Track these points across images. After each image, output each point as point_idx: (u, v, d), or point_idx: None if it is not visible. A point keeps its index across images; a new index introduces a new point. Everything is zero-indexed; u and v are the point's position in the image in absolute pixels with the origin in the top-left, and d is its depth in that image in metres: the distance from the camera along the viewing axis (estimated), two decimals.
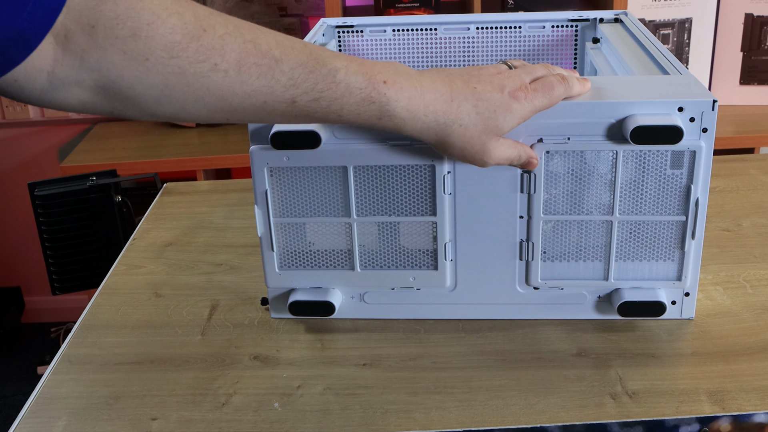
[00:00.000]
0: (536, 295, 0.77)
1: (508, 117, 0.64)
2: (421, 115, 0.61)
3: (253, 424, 0.66)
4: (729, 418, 0.65)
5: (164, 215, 1.06)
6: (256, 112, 0.57)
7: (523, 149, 0.68)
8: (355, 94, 0.58)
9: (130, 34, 0.50)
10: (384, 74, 0.60)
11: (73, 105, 0.54)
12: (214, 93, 0.54)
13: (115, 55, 0.51)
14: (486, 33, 1.02)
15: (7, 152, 2.23)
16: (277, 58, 0.55)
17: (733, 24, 1.84)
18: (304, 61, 0.56)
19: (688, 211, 0.72)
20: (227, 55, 0.53)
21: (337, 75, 0.57)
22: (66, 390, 0.71)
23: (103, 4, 0.50)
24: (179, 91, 0.53)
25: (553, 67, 0.69)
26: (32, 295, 2.41)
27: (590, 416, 0.65)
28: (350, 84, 0.58)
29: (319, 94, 0.57)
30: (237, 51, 0.54)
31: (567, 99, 0.68)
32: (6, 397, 2.14)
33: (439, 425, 0.65)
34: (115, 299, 0.86)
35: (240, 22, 0.56)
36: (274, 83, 0.55)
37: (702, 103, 0.68)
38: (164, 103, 0.54)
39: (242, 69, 0.54)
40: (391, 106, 0.60)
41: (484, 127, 0.63)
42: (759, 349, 0.72)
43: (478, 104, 0.63)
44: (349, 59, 0.59)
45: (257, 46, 0.55)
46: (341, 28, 1.02)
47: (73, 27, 0.50)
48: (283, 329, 0.79)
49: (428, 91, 0.61)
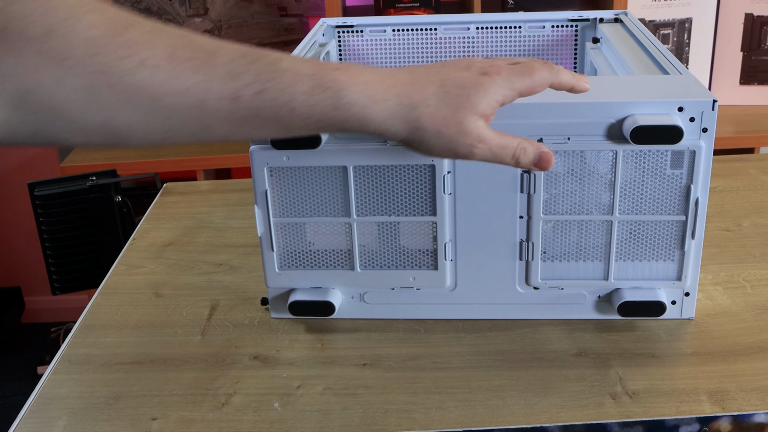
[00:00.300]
0: (536, 295, 0.77)
1: (480, 92, 0.57)
2: (381, 99, 0.55)
3: (253, 424, 0.66)
4: (729, 418, 0.65)
5: (164, 215, 1.06)
6: (197, 116, 0.51)
7: (524, 140, 0.60)
8: (304, 81, 0.53)
9: (45, 32, 0.46)
10: (334, 65, 0.55)
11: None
12: (145, 93, 0.49)
13: (30, 57, 0.46)
14: (486, 33, 1.02)
15: (7, 152, 2.23)
16: (212, 51, 0.51)
17: (733, 24, 1.84)
18: (243, 53, 0.52)
19: (688, 211, 0.72)
20: (156, 49, 0.49)
21: (281, 63, 0.53)
22: (66, 390, 0.71)
23: (14, 4, 0.46)
24: (106, 94, 0.48)
25: (545, 62, 0.63)
26: (32, 295, 2.41)
27: (590, 416, 0.65)
28: (298, 71, 0.53)
29: (264, 84, 0.52)
30: (167, 45, 0.49)
31: (565, 90, 0.63)
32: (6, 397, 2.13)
33: (439, 425, 0.65)
34: (115, 299, 0.86)
35: (167, 24, 0.52)
36: (212, 77, 0.50)
37: (702, 103, 0.68)
38: (91, 110, 0.49)
39: (174, 64, 0.49)
40: (346, 92, 0.54)
41: (456, 104, 0.57)
42: (759, 349, 0.72)
43: (444, 83, 0.57)
44: (290, 54, 0.56)
45: (190, 40, 0.50)
46: (341, 28, 1.02)
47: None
48: (283, 329, 0.79)
49: (386, 77, 0.56)
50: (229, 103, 0.51)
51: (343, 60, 1.04)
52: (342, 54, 1.04)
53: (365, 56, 1.03)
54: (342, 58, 1.04)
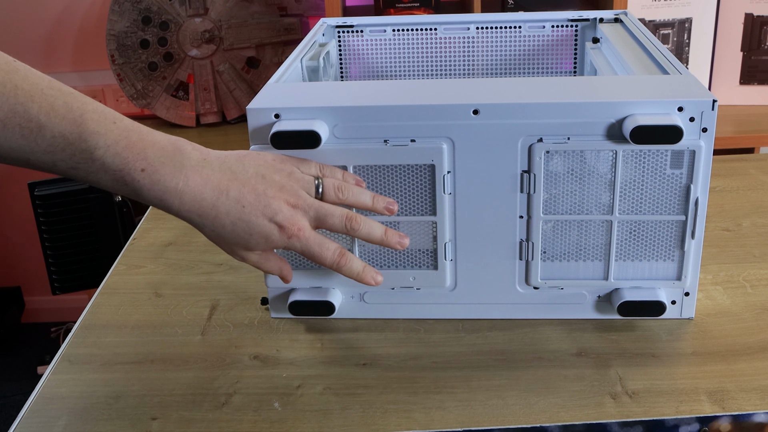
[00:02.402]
0: (536, 295, 0.77)
1: (261, 242, 0.66)
2: (175, 209, 0.64)
3: (253, 424, 0.66)
4: (729, 418, 0.65)
5: (164, 215, 1.06)
6: (24, 164, 0.60)
7: (280, 268, 0.71)
8: (109, 173, 0.61)
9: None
10: (149, 161, 0.61)
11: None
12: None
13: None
14: (486, 33, 1.02)
15: None
16: (42, 124, 0.58)
17: (733, 24, 1.84)
18: (67, 133, 0.58)
19: (687, 211, 0.72)
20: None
21: (95, 152, 0.60)
22: (66, 390, 0.71)
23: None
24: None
25: (357, 222, 0.69)
26: (32, 295, 2.41)
27: (590, 416, 0.65)
28: (105, 164, 0.60)
29: (76, 164, 0.60)
30: (5, 110, 0.56)
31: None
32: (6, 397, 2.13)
33: (439, 425, 0.65)
34: (115, 299, 0.86)
35: (27, 80, 0.58)
36: (35, 146, 0.58)
37: (702, 102, 0.68)
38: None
39: (6, 127, 0.57)
40: (143, 193, 0.62)
41: (236, 241, 0.66)
42: (759, 349, 0.72)
43: (237, 223, 0.65)
44: (120, 137, 0.61)
45: (27, 109, 0.57)
46: (341, 28, 1.02)
47: None
48: (283, 329, 0.79)
49: (190, 192, 0.63)
50: (49, 167, 0.60)
51: (342, 60, 1.04)
52: (342, 54, 1.04)
53: (365, 56, 1.03)
54: (342, 57, 1.04)
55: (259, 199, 0.65)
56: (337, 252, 0.68)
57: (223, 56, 1.94)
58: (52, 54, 2.11)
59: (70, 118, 0.59)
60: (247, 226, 0.65)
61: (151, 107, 1.94)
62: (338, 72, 1.05)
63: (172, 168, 0.63)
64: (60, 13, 2.07)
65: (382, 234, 0.70)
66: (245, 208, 0.65)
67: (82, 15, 2.07)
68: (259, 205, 0.65)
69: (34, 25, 2.08)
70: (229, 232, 0.65)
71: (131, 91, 1.93)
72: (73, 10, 2.06)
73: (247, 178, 0.65)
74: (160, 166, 0.62)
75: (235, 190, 0.65)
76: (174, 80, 1.93)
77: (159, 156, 0.62)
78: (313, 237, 0.67)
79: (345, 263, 0.69)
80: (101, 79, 2.10)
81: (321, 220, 0.67)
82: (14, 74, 0.58)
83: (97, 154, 0.60)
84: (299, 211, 0.66)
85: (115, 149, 0.60)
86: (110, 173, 0.61)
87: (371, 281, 0.71)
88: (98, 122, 0.60)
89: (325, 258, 0.68)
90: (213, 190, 0.64)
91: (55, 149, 0.59)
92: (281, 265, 0.71)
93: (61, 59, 2.11)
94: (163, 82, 1.93)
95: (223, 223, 0.65)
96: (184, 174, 0.63)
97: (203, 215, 0.64)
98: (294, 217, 0.66)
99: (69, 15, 2.07)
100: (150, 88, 1.93)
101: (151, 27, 1.89)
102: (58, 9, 2.06)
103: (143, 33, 1.89)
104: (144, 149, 0.62)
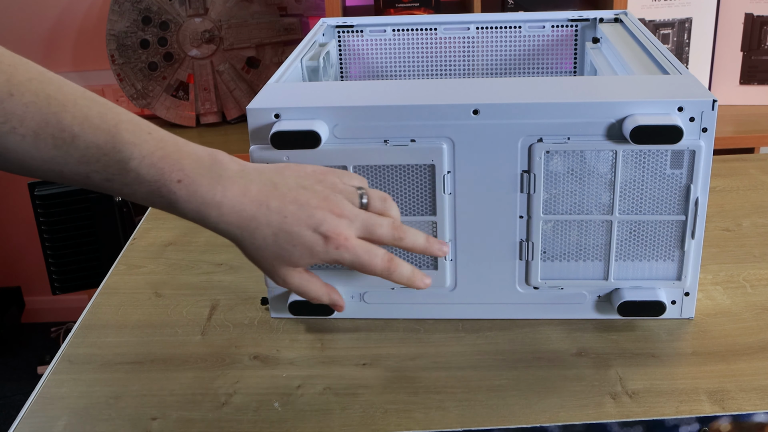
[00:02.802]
0: (536, 294, 0.77)
1: (306, 255, 0.62)
2: (213, 222, 0.61)
3: (253, 424, 0.66)
4: (729, 418, 0.65)
5: (164, 215, 1.06)
6: (57, 177, 0.59)
7: (329, 293, 0.66)
8: (144, 185, 0.58)
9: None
10: (185, 172, 0.59)
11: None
12: (12, 152, 0.56)
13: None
14: (486, 33, 1.02)
15: None
16: (76, 134, 0.56)
17: (733, 24, 1.84)
18: (102, 143, 0.57)
19: (687, 211, 0.72)
20: (26, 122, 0.55)
21: (130, 163, 0.58)
22: (66, 390, 0.71)
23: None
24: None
25: (403, 231, 0.66)
26: (32, 295, 2.41)
27: (590, 416, 0.65)
28: (141, 175, 0.58)
29: (111, 176, 0.58)
30: (37, 120, 0.55)
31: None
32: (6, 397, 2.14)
33: (439, 425, 0.65)
34: (115, 299, 0.86)
35: (61, 91, 0.57)
36: (68, 157, 0.57)
37: (702, 102, 0.68)
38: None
39: (39, 138, 0.55)
40: (180, 205, 0.60)
41: (277, 255, 0.62)
42: (759, 349, 0.72)
43: (279, 234, 0.61)
44: (156, 147, 0.59)
45: (60, 119, 0.56)
46: (341, 28, 1.02)
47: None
48: (283, 329, 0.79)
49: (229, 203, 0.60)
50: (83, 179, 0.58)
51: (342, 60, 1.04)
52: (342, 54, 1.04)
53: (365, 56, 1.03)
54: (342, 57, 1.04)
55: (302, 209, 0.61)
56: (386, 258, 0.64)
57: (223, 56, 1.94)
58: (52, 54, 2.11)
59: (104, 128, 0.57)
60: (289, 237, 0.61)
61: (151, 107, 1.94)
62: (338, 72, 1.05)
63: (209, 179, 0.60)
64: (60, 13, 2.07)
65: (425, 241, 0.67)
66: (287, 219, 0.61)
67: (82, 15, 2.07)
68: (303, 215, 0.61)
69: (34, 25, 2.08)
70: (270, 244, 0.61)
71: (131, 91, 1.93)
72: (73, 10, 2.06)
73: (288, 188, 0.62)
74: (197, 177, 0.60)
75: (276, 201, 0.61)
76: (174, 80, 1.94)
77: (196, 167, 0.60)
78: (360, 245, 0.63)
79: (395, 268, 0.64)
80: (101, 79, 2.11)
81: (369, 230, 0.64)
82: (47, 84, 0.56)
83: (132, 164, 0.58)
84: (345, 220, 0.63)
85: (151, 160, 0.58)
86: (145, 185, 0.58)
87: (421, 285, 0.67)
88: (133, 132, 0.58)
89: (375, 266, 0.63)
90: (253, 201, 0.61)
91: (89, 160, 0.57)
92: (329, 291, 0.66)
93: (61, 59, 2.11)
94: (163, 82, 1.93)
95: (264, 235, 0.61)
96: (222, 185, 0.60)
97: (243, 227, 0.61)
98: (339, 226, 0.62)
99: (69, 15, 2.07)
100: (150, 88, 1.93)
101: (151, 27, 1.89)
102: (58, 9, 2.06)
103: (143, 33, 1.89)
104: (180, 160, 0.59)
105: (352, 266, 0.63)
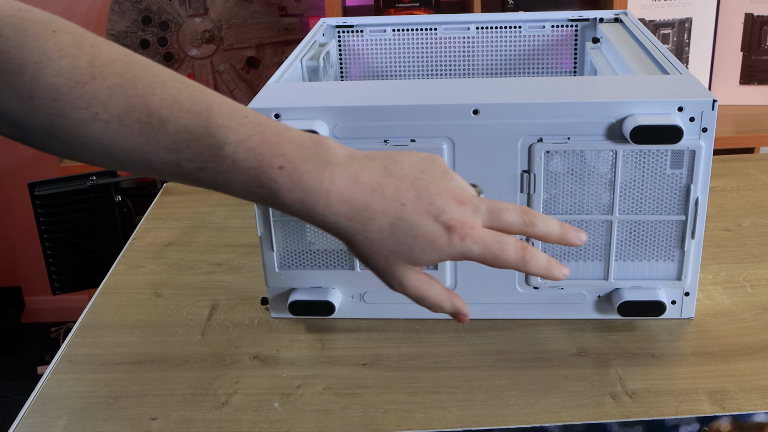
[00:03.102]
0: (536, 295, 0.77)
1: (428, 249, 0.53)
2: (319, 213, 0.53)
3: (253, 424, 0.66)
4: (729, 418, 0.65)
5: (164, 215, 1.06)
6: (145, 168, 0.54)
7: (451, 299, 0.57)
8: (242, 172, 0.53)
9: (17, 69, 0.50)
10: (287, 157, 0.53)
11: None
12: (97, 141, 0.52)
13: (4, 87, 0.51)
14: (486, 33, 1.02)
15: (7, 152, 2.23)
16: (164, 118, 0.52)
17: (733, 24, 1.84)
18: (193, 127, 0.52)
19: (687, 211, 0.72)
20: (110, 106, 0.51)
21: (225, 148, 0.52)
22: (66, 390, 0.71)
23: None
24: (64, 133, 0.52)
25: (533, 216, 0.56)
26: (32, 295, 2.41)
27: (590, 416, 0.65)
28: (237, 161, 0.52)
29: (203, 164, 0.53)
30: (122, 104, 0.51)
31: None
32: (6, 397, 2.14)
33: (439, 425, 0.65)
34: (115, 299, 0.86)
35: (147, 72, 0.53)
36: (156, 143, 0.52)
37: (702, 102, 0.68)
38: (55, 142, 0.52)
39: (124, 123, 0.51)
40: (281, 195, 0.53)
41: (395, 249, 0.54)
42: (759, 349, 0.72)
43: (397, 224, 0.53)
44: (253, 131, 0.53)
45: (147, 102, 0.52)
46: (341, 28, 1.02)
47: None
48: (283, 329, 0.79)
49: (337, 191, 0.53)
50: (173, 168, 0.53)
51: (342, 60, 1.04)
52: (342, 54, 1.04)
53: (365, 56, 1.03)
54: (342, 57, 1.04)
55: (421, 195, 0.53)
56: (519, 246, 0.54)
57: (223, 56, 1.94)
58: None
59: (195, 111, 0.52)
60: (409, 227, 0.53)
61: None
62: (338, 72, 1.05)
63: (314, 165, 0.53)
64: (60, 13, 2.07)
65: (559, 228, 0.57)
66: (405, 206, 0.53)
67: (82, 15, 2.07)
68: (422, 203, 0.53)
69: None
70: (387, 236, 0.53)
71: None
72: (73, 10, 2.06)
73: (404, 174, 0.54)
74: (301, 163, 0.53)
75: (391, 188, 0.53)
76: None
77: (299, 152, 0.53)
78: (488, 234, 0.54)
79: (531, 257, 0.55)
80: None
81: (495, 216, 0.55)
82: (133, 65, 0.52)
83: (228, 150, 0.52)
84: (469, 206, 0.54)
85: (248, 144, 0.52)
86: (243, 172, 0.52)
87: (560, 275, 0.56)
88: (227, 116, 0.53)
89: (508, 257, 0.54)
90: (365, 188, 0.53)
91: (179, 147, 0.52)
92: (451, 296, 0.57)
93: None
94: None
95: (380, 225, 0.53)
96: (330, 171, 0.53)
97: (354, 218, 0.53)
98: (464, 214, 0.53)
99: (69, 15, 2.07)
100: None
101: (151, 27, 1.89)
102: (58, 9, 2.06)
103: (143, 33, 1.89)
104: (281, 144, 0.53)
105: (481, 259, 0.54)
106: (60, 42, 0.51)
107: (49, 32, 0.51)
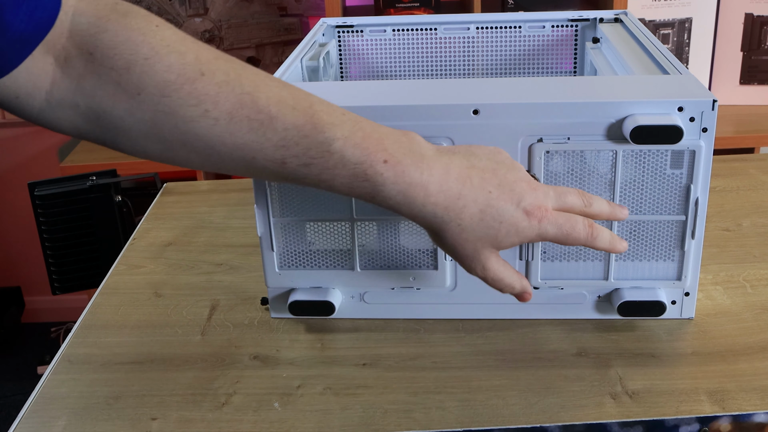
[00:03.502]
0: (536, 295, 0.77)
1: (512, 233, 0.59)
2: (419, 204, 0.58)
3: (253, 424, 0.66)
4: (729, 418, 0.65)
5: (164, 215, 1.06)
6: (246, 167, 0.55)
7: (520, 280, 0.64)
8: (348, 167, 0.55)
9: (125, 66, 0.50)
10: (389, 152, 0.56)
11: (67, 128, 0.54)
12: (202, 139, 0.52)
13: (109, 84, 0.51)
14: (486, 33, 1.02)
15: (7, 152, 2.23)
16: (273, 115, 0.53)
17: (733, 24, 1.84)
18: (301, 124, 0.54)
19: (687, 211, 0.72)
20: (220, 103, 0.52)
21: (333, 145, 0.54)
22: (66, 390, 0.71)
23: (104, 33, 0.50)
24: (167, 131, 0.52)
25: (589, 197, 0.64)
26: (32, 295, 2.41)
27: (590, 416, 0.65)
28: (345, 156, 0.55)
29: (311, 160, 0.55)
30: (231, 101, 0.52)
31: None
32: (6, 397, 2.14)
33: (439, 425, 0.65)
34: (115, 299, 0.86)
35: (247, 70, 0.54)
36: (265, 141, 0.53)
37: (702, 102, 0.68)
38: (152, 140, 0.53)
39: (233, 120, 0.52)
40: (386, 188, 0.56)
41: (483, 234, 0.59)
42: (759, 349, 0.72)
43: (486, 210, 0.59)
44: (355, 128, 0.56)
45: (255, 99, 0.53)
46: (341, 28, 1.02)
47: (73, 51, 0.51)
48: (283, 329, 0.79)
49: (435, 182, 0.57)
50: (277, 166, 0.55)
51: (342, 60, 1.04)
52: (342, 54, 1.04)
53: (365, 56, 1.03)
54: (342, 57, 1.04)
55: (502, 184, 0.59)
56: (586, 223, 0.61)
57: None
58: None
59: (300, 108, 0.54)
60: (497, 213, 0.58)
61: None
62: (338, 72, 1.05)
63: (413, 158, 0.57)
64: None
65: (608, 206, 0.65)
66: (492, 194, 0.59)
67: None
68: (505, 190, 0.59)
69: None
70: (477, 222, 0.58)
71: None
72: None
73: (483, 165, 0.60)
74: (402, 157, 0.56)
75: (477, 177, 0.59)
76: None
77: (398, 146, 0.56)
78: (560, 216, 0.60)
79: (597, 234, 0.62)
80: None
81: (561, 199, 0.61)
82: (233, 63, 0.53)
83: (336, 146, 0.54)
84: (540, 192, 0.60)
85: (354, 140, 0.55)
86: (349, 167, 0.55)
87: (621, 248, 0.64)
88: (329, 113, 0.55)
89: (579, 234, 0.61)
90: (457, 178, 0.58)
91: (288, 143, 0.53)
92: (520, 278, 0.64)
93: None
94: None
95: (472, 213, 0.58)
96: (426, 164, 0.57)
97: (450, 207, 0.58)
98: (538, 198, 0.60)
99: None
100: None
101: None
102: None
103: None
104: (381, 139, 0.56)
105: (555, 239, 0.61)
106: (166, 37, 0.51)
107: (152, 27, 0.51)
